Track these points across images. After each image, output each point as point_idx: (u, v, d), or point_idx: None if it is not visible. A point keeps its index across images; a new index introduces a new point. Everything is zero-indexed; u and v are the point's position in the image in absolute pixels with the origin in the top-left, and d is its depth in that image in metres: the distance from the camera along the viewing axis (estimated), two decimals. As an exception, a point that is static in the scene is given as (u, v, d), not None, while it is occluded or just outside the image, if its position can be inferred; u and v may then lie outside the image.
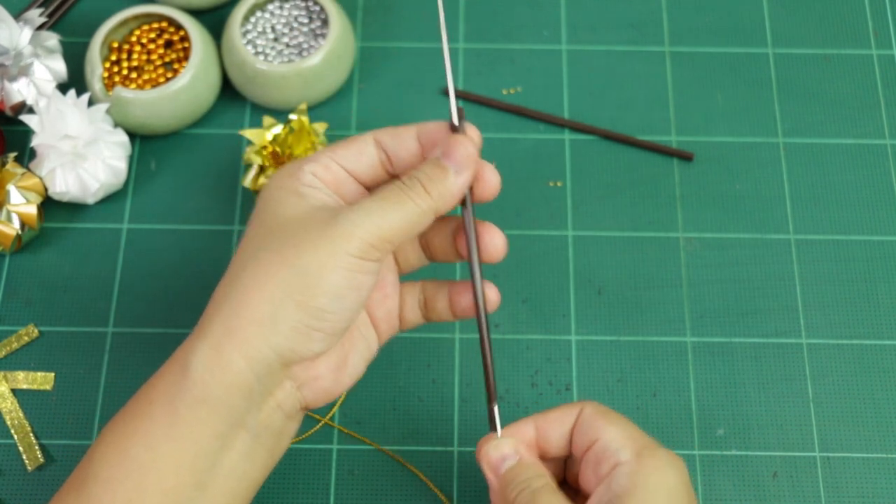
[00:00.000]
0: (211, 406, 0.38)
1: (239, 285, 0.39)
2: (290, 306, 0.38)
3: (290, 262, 0.39)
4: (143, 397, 0.40)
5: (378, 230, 0.39)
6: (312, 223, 0.40)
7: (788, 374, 0.55)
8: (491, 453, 0.43)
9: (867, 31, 0.65)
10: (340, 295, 0.39)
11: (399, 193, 0.40)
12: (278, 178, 0.42)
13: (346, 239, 0.39)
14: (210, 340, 0.39)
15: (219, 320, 0.39)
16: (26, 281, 0.58)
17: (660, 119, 0.62)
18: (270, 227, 0.41)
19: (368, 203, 0.40)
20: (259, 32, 0.62)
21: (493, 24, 0.65)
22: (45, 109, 0.56)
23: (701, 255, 0.58)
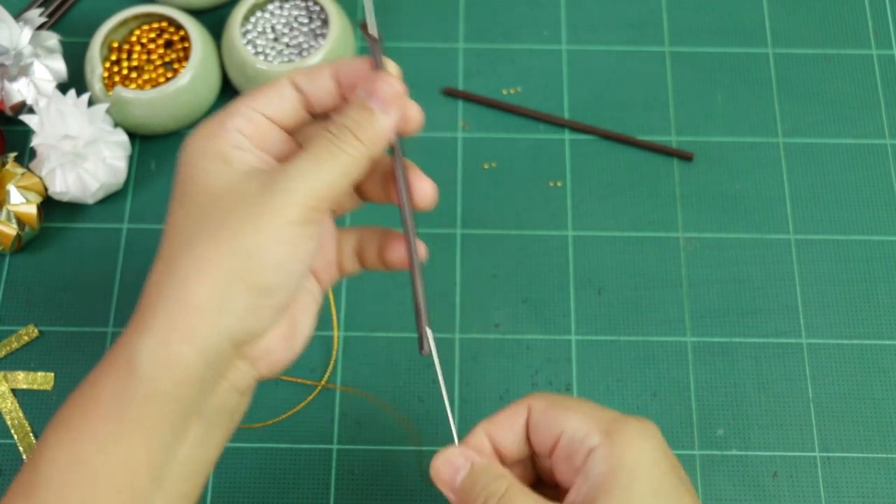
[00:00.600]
0: (162, 401, 0.36)
1: (179, 274, 0.37)
2: (238, 290, 0.37)
3: (231, 244, 0.37)
4: (87, 396, 0.37)
5: (316, 191, 0.37)
6: (246, 196, 0.37)
7: (788, 374, 0.55)
8: (440, 468, 0.40)
9: (867, 31, 0.65)
10: (287, 267, 0.38)
11: (330, 146, 0.38)
12: (198, 140, 0.39)
13: (285, 208, 0.37)
14: (156, 334, 0.36)
15: (162, 312, 0.37)
16: (26, 281, 0.58)
17: (660, 119, 0.62)
18: (201, 203, 0.38)
19: (301, 163, 0.38)
20: (259, 32, 0.62)
21: (493, 24, 0.65)
22: (45, 109, 0.56)
23: (701, 255, 0.58)
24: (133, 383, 0.36)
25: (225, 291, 0.37)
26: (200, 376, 0.37)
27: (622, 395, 0.55)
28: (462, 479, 0.39)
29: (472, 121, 0.62)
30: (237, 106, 0.40)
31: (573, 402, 0.40)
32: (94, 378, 0.38)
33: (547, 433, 0.40)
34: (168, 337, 0.36)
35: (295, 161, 0.38)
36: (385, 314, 0.57)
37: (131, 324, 0.38)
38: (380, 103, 0.40)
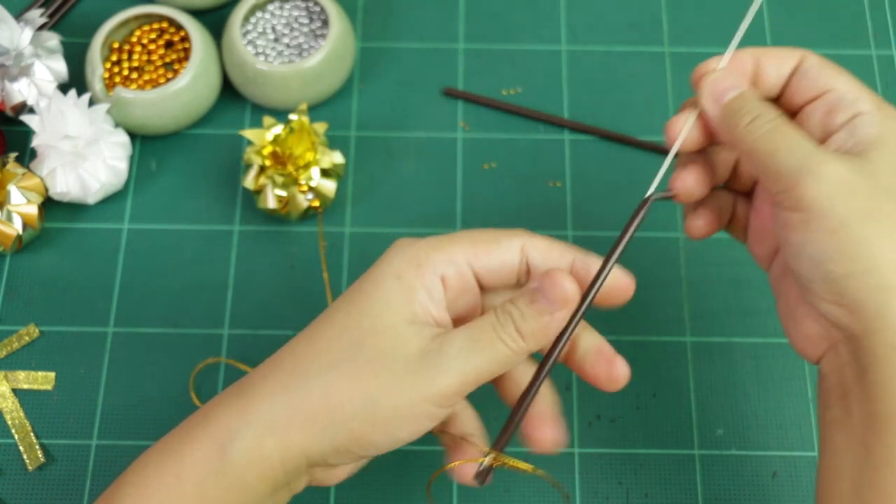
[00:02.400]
0: (241, 493, 0.38)
1: (303, 382, 0.38)
2: (344, 430, 0.37)
3: (366, 391, 0.37)
4: (170, 466, 0.38)
5: (463, 377, 0.37)
6: (403, 352, 0.37)
7: (788, 373, 0.55)
8: (717, 81, 0.40)
9: (867, 31, 0.65)
10: (401, 437, 0.38)
11: (490, 333, 0.38)
12: (400, 262, 0.39)
13: (428, 386, 0.37)
14: (255, 431, 0.37)
15: (268, 409, 0.38)
16: (27, 281, 0.58)
17: (659, 119, 0.62)
18: (364, 329, 0.38)
19: (459, 342, 0.37)
20: (259, 33, 0.62)
21: (493, 25, 0.65)
22: (45, 110, 0.56)
23: (701, 255, 0.58)
24: (222, 470, 0.37)
25: (332, 426, 0.37)
26: (277, 479, 0.38)
27: (622, 395, 0.55)
28: (732, 97, 0.40)
29: (472, 121, 0.62)
30: (456, 249, 0.40)
31: (844, 70, 0.40)
32: (180, 444, 0.38)
33: (813, 84, 0.40)
34: (264, 437, 0.37)
35: (454, 336, 0.38)
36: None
37: (238, 398, 0.38)
38: (549, 303, 0.38)
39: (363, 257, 0.58)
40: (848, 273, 0.36)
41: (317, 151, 0.57)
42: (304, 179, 0.56)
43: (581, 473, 0.53)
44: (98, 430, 0.54)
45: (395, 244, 0.40)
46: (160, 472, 0.38)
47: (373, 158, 0.61)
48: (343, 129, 0.62)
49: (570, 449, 0.54)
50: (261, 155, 0.57)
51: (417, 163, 0.61)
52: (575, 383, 0.55)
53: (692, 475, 0.53)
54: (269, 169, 0.56)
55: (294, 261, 0.58)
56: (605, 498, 0.52)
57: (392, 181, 0.61)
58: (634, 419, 0.54)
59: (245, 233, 0.59)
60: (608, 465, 0.53)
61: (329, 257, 0.58)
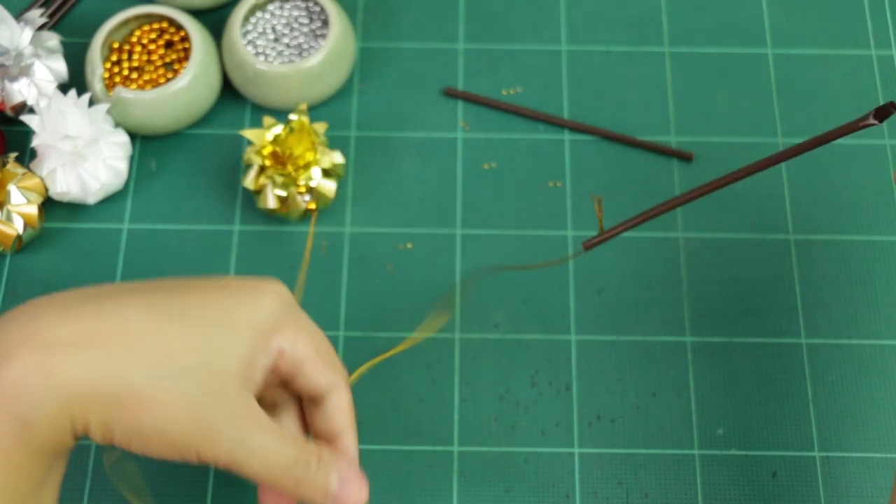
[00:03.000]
0: (44, 453, 0.37)
1: (124, 369, 0.36)
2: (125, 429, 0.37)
3: (167, 414, 0.36)
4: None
5: (238, 468, 0.38)
6: (217, 408, 0.37)
7: (788, 374, 0.55)
8: None
9: (867, 31, 0.65)
10: (151, 453, 0.38)
11: (294, 464, 0.39)
12: (270, 316, 0.40)
13: (209, 449, 0.37)
14: (58, 401, 0.36)
15: (76, 383, 0.36)
16: (27, 281, 0.58)
17: (659, 119, 0.62)
18: (203, 358, 0.38)
19: (262, 443, 0.38)
20: (259, 33, 0.62)
21: (493, 25, 0.65)
22: (45, 109, 0.56)
23: (701, 255, 0.58)
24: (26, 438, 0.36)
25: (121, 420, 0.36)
26: (67, 432, 0.37)
27: (622, 396, 0.55)
28: None
29: (472, 121, 0.62)
30: (307, 338, 0.41)
31: None
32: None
33: None
34: (64, 408, 0.36)
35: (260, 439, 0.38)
36: (385, 315, 0.57)
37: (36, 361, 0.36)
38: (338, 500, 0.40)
39: (363, 257, 0.58)
40: None
41: (317, 151, 0.57)
42: (303, 180, 0.56)
43: (581, 473, 0.53)
44: (98, 430, 0.54)
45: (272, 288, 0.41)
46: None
47: (373, 158, 0.61)
48: (343, 129, 0.62)
49: (570, 449, 0.54)
50: (261, 155, 0.57)
51: (417, 163, 0.61)
52: (575, 383, 0.55)
53: (692, 475, 0.53)
54: (269, 169, 0.56)
55: (294, 261, 0.58)
56: (605, 498, 0.52)
57: (392, 181, 0.61)
58: (634, 419, 0.54)
59: (245, 233, 0.59)
60: (608, 465, 0.53)
61: (329, 257, 0.58)
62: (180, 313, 0.38)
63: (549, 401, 0.55)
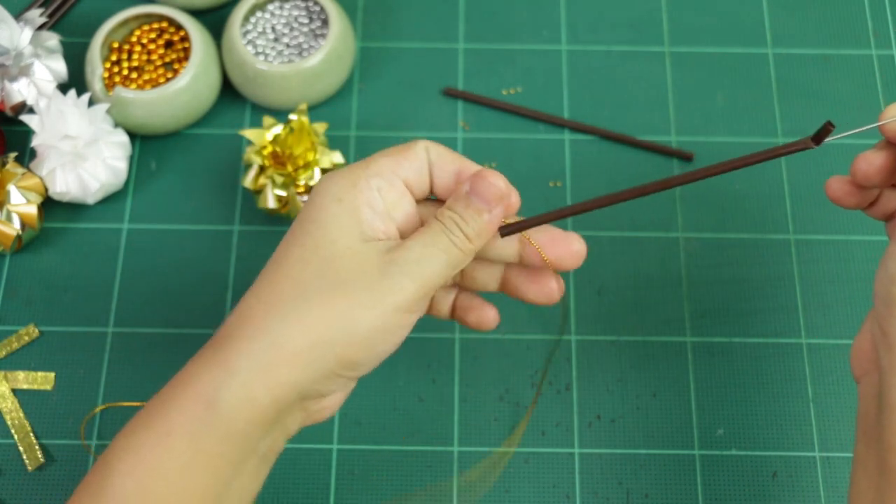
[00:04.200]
0: (234, 441, 0.38)
1: (282, 322, 0.38)
2: (331, 357, 0.38)
3: (341, 314, 0.38)
4: (159, 426, 0.38)
5: (427, 280, 0.39)
6: (366, 269, 0.39)
7: (788, 374, 0.55)
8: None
9: (867, 31, 0.65)
10: (380, 350, 0.39)
11: (442, 238, 0.40)
12: (337, 185, 0.40)
13: (398, 294, 0.38)
14: (241, 377, 0.38)
15: (251, 354, 0.38)
16: (27, 281, 0.58)
17: (659, 119, 0.62)
18: (321, 256, 0.39)
19: (416, 249, 0.39)
20: (259, 32, 0.62)
21: (493, 24, 0.65)
22: (45, 109, 0.56)
23: (701, 255, 0.58)
24: (211, 421, 0.38)
25: (317, 354, 0.38)
26: (270, 421, 0.39)
27: (622, 395, 0.55)
28: None
29: (472, 121, 0.62)
30: (381, 164, 0.41)
31: None
32: (165, 405, 0.38)
33: None
34: (252, 381, 0.38)
35: (411, 246, 0.39)
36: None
37: (218, 351, 0.38)
38: (484, 203, 0.41)
39: (363, 257, 0.58)
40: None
41: (317, 151, 0.57)
42: (303, 179, 0.56)
43: (581, 474, 0.53)
44: (98, 431, 0.54)
45: (322, 178, 0.42)
46: (150, 433, 0.38)
47: (373, 158, 0.61)
48: (343, 128, 0.62)
49: (571, 449, 0.54)
50: (261, 155, 0.57)
51: (417, 163, 0.61)
52: (575, 384, 0.55)
53: (692, 475, 0.53)
54: (269, 169, 0.56)
55: (294, 261, 0.58)
56: (605, 498, 0.52)
57: (392, 181, 0.61)
58: (635, 419, 0.54)
59: (245, 233, 0.59)
60: (608, 465, 0.53)
61: (329, 257, 0.58)
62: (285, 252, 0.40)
63: (549, 401, 0.55)
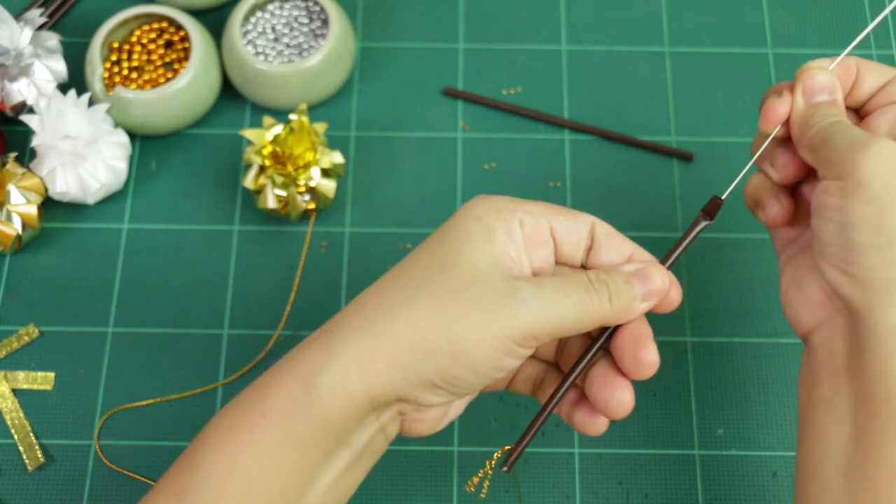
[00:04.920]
0: (327, 428, 0.38)
1: (389, 316, 0.38)
2: (430, 363, 0.38)
3: (449, 322, 0.37)
4: (255, 406, 0.39)
5: (547, 322, 0.38)
6: (487, 287, 0.38)
7: (788, 373, 0.55)
8: (816, 77, 0.42)
9: (867, 31, 0.65)
10: (482, 372, 0.38)
11: (582, 291, 0.39)
12: (483, 206, 0.40)
13: (512, 321, 0.37)
14: (340, 364, 0.38)
15: (354, 344, 0.38)
16: (27, 281, 0.58)
17: (660, 119, 0.62)
18: (448, 265, 0.39)
19: (548, 288, 0.38)
20: (259, 32, 0.62)
21: (493, 24, 0.65)
22: (45, 109, 0.56)
23: (701, 255, 0.58)
24: (307, 404, 0.38)
25: (418, 358, 0.38)
26: (364, 415, 0.39)
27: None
28: (822, 100, 0.42)
29: (472, 121, 0.62)
30: (538, 206, 0.41)
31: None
32: (265, 386, 0.39)
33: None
34: (350, 371, 0.38)
35: (543, 283, 0.39)
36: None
37: (324, 336, 0.39)
38: (643, 291, 0.40)
39: (363, 257, 0.58)
40: (868, 244, 0.37)
41: (317, 151, 0.57)
42: (303, 179, 0.56)
43: (581, 474, 0.53)
44: (98, 431, 0.54)
45: (474, 198, 0.42)
46: (246, 412, 0.38)
47: (373, 158, 0.61)
48: (343, 128, 0.62)
49: (570, 449, 0.54)
50: (261, 155, 0.57)
51: (417, 163, 0.61)
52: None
53: (692, 475, 0.53)
54: (269, 169, 0.56)
55: (294, 261, 0.58)
56: (605, 498, 0.52)
57: (392, 181, 0.61)
58: (634, 419, 0.54)
59: (245, 233, 0.59)
60: (608, 465, 0.53)
61: (329, 257, 0.58)
62: (414, 257, 0.41)
63: (549, 401, 0.55)
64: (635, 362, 0.41)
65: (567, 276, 0.39)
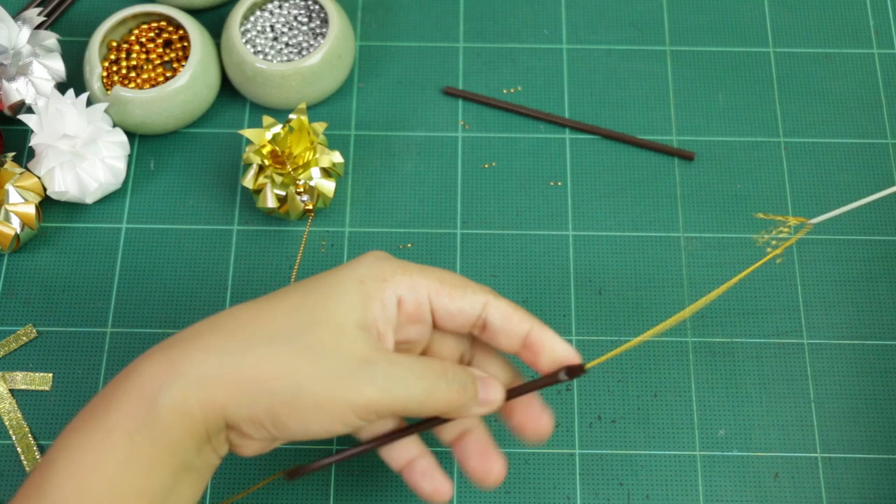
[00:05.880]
0: (169, 446, 0.38)
1: (240, 349, 0.39)
2: (264, 407, 0.38)
3: (298, 377, 0.38)
4: (100, 424, 0.38)
5: (393, 400, 0.39)
6: (344, 355, 0.39)
7: (789, 374, 0.55)
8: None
9: (868, 29, 0.65)
10: (312, 431, 0.39)
11: (435, 377, 0.40)
12: (366, 271, 0.41)
13: (358, 394, 0.38)
14: (182, 385, 0.38)
15: (199, 365, 0.39)
16: (25, 281, 0.58)
17: (660, 118, 0.62)
18: (314, 317, 0.39)
19: (403, 367, 0.39)
20: (258, 31, 0.62)
21: (493, 24, 0.65)
22: (43, 109, 0.56)
23: (702, 254, 0.58)
24: (150, 423, 0.38)
25: (256, 401, 0.38)
26: (201, 437, 0.39)
27: (623, 396, 0.55)
28: None
29: (472, 120, 0.62)
30: (426, 280, 0.42)
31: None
32: (107, 403, 0.39)
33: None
34: (189, 394, 0.38)
35: (400, 361, 0.40)
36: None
37: (166, 352, 0.39)
38: (483, 398, 0.42)
39: (363, 257, 0.58)
40: None
41: (316, 151, 0.56)
42: (302, 179, 0.56)
43: (582, 474, 0.53)
44: (96, 431, 0.54)
45: (368, 253, 0.42)
46: (91, 430, 0.38)
47: (372, 158, 0.61)
48: (342, 128, 0.62)
49: (571, 450, 0.53)
50: (260, 154, 0.56)
51: (417, 162, 0.61)
52: (576, 384, 0.55)
53: (693, 476, 0.53)
54: (269, 168, 0.56)
55: (293, 261, 0.58)
56: (605, 499, 0.52)
57: (392, 181, 0.60)
58: (635, 420, 0.54)
59: (244, 232, 0.59)
60: (609, 466, 0.53)
61: (328, 257, 0.58)
62: (283, 295, 0.41)
63: (548, 401, 0.55)
64: (483, 472, 0.44)
65: (424, 360, 0.40)
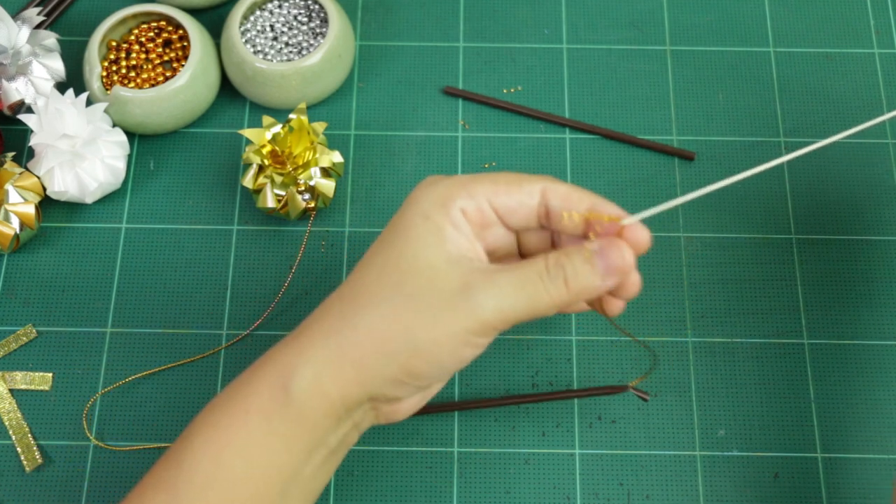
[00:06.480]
0: (305, 426, 0.40)
1: (350, 325, 0.40)
2: (394, 366, 0.39)
3: (408, 327, 0.39)
4: (238, 404, 0.40)
5: (503, 314, 0.39)
6: (443, 287, 0.39)
7: (790, 374, 0.55)
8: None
9: (869, 29, 0.65)
10: (444, 367, 0.40)
11: (538, 282, 0.39)
12: (428, 200, 0.41)
13: (469, 318, 0.39)
14: (313, 368, 0.39)
15: (322, 349, 0.40)
16: (24, 281, 0.58)
17: (661, 118, 0.62)
18: (401, 268, 0.40)
19: (503, 282, 0.39)
20: (258, 31, 0.62)
21: (493, 24, 0.65)
22: (43, 109, 0.56)
23: (702, 254, 0.58)
24: (286, 404, 0.39)
25: (384, 364, 0.39)
26: (339, 415, 0.40)
27: (623, 396, 0.55)
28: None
29: (472, 120, 0.62)
30: (476, 187, 0.41)
31: None
32: (245, 388, 0.41)
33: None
34: (322, 374, 0.39)
35: (497, 279, 0.39)
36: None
37: (295, 340, 0.41)
38: (605, 269, 0.40)
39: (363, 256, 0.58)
40: None
41: (316, 151, 0.56)
42: (302, 179, 0.56)
43: (582, 475, 0.53)
44: (96, 431, 0.54)
45: (421, 183, 0.42)
46: (230, 409, 0.40)
47: (372, 157, 0.61)
48: (342, 128, 0.62)
49: (571, 450, 0.53)
50: (260, 154, 0.56)
51: (417, 162, 0.61)
52: (576, 384, 0.55)
53: (693, 476, 0.53)
54: (269, 168, 0.56)
55: (293, 260, 0.58)
56: (605, 499, 0.52)
57: (392, 180, 0.60)
58: (636, 419, 0.54)
59: (244, 232, 0.59)
60: (609, 466, 0.53)
61: (329, 256, 0.58)
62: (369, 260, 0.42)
63: (549, 401, 0.55)
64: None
65: (522, 267, 0.40)
